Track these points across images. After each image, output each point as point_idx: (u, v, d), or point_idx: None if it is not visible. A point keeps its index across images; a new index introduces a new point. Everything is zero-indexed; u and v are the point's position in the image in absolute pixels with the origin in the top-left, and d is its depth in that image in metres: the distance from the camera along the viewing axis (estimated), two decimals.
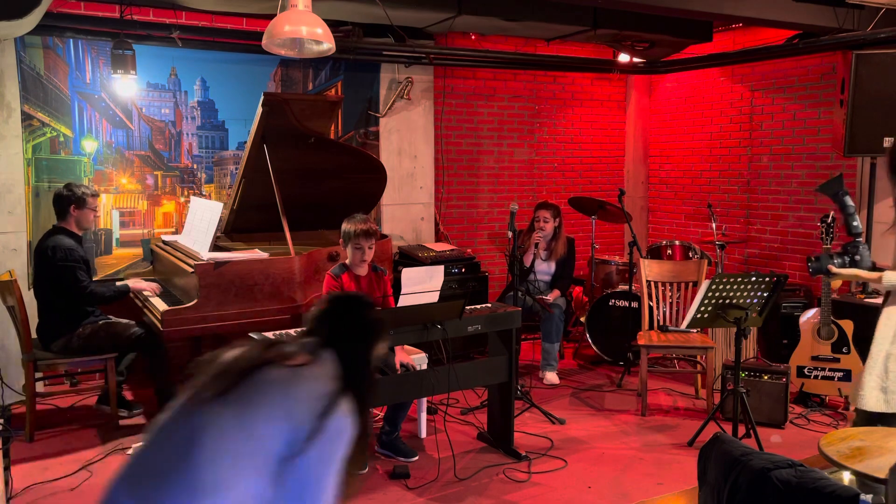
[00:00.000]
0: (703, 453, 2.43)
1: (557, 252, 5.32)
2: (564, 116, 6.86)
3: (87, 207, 4.19)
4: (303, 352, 1.67)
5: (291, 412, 1.53)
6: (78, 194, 4.16)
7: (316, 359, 1.66)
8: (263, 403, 1.53)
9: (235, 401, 1.53)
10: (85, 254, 4.22)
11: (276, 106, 4.11)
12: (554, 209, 5.30)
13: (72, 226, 4.20)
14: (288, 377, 1.59)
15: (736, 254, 6.31)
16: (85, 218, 4.22)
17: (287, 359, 1.63)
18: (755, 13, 4.77)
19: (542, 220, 5.24)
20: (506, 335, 3.87)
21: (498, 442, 3.99)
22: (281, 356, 1.62)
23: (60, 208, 4.18)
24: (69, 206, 4.16)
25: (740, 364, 3.82)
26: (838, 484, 1.97)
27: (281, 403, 1.54)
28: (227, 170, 5.40)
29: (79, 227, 4.23)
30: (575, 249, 5.45)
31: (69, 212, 4.17)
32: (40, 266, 4.12)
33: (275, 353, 1.64)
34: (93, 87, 4.92)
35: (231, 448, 1.47)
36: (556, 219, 5.29)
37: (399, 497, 3.44)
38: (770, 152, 6.06)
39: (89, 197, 4.20)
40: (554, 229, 5.28)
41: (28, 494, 3.42)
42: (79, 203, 4.16)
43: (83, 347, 4.13)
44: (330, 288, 3.77)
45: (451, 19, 4.98)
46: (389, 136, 5.92)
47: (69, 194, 4.16)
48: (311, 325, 1.78)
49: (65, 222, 4.19)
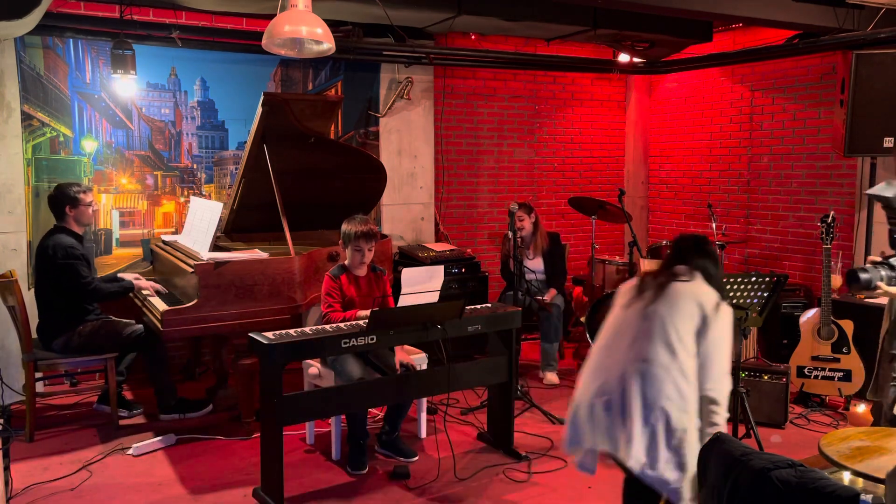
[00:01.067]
0: (703, 453, 2.43)
1: (539, 245, 5.28)
2: (564, 116, 6.86)
3: (81, 205, 4.22)
4: (686, 273, 2.54)
5: (698, 305, 2.44)
6: (70, 194, 4.19)
7: (693, 276, 2.53)
8: (680, 302, 2.45)
9: (664, 302, 2.46)
10: (86, 251, 4.24)
11: (276, 106, 4.11)
12: (526, 207, 5.23)
13: (71, 225, 4.22)
14: (687, 286, 2.50)
15: (736, 254, 6.31)
16: (83, 215, 4.24)
17: (680, 276, 2.53)
18: (755, 13, 4.77)
19: (517, 219, 5.20)
20: (506, 335, 3.87)
21: (498, 442, 3.99)
22: (676, 275, 2.53)
23: (56, 210, 4.22)
24: (64, 206, 4.20)
25: (740, 364, 3.82)
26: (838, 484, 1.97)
27: (689, 301, 2.45)
28: (227, 170, 5.40)
29: (79, 225, 4.26)
30: (561, 243, 5.42)
31: (66, 212, 4.20)
32: (41, 265, 4.14)
33: (671, 274, 2.54)
34: (93, 87, 4.92)
35: (670, 327, 2.41)
36: (532, 214, 5.23)
37: (399, 497, 3.44)
38: (770, 152, 6.06)
39: (81, 194, 4.22)
40: (532, 226, 5.25)
41: (28, 494, 3.42)
42: (73, 203, 4.19)
43: (84, 346, 4.14)
44: (329, 290, 3.78)
45: (451, 19, 4.98)
46: (389, 136, 5.91)
47: (62, 196, 4.19)
48: (679, 256, 2.59)
49: (64, 222, 4.21)
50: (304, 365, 4.06)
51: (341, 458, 3.85)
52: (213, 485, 3.55)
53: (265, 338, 3.20)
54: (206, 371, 5.22)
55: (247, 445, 4.00)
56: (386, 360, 3.79)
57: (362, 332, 3.34)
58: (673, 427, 2.33)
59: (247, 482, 3.56)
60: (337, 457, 3.86)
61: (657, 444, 2.33)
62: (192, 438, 4.09)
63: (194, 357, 5.21)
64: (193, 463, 3.80)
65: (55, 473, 3.64)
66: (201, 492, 3.48)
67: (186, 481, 3.59)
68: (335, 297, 3.77)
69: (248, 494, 3.44)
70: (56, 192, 4.21)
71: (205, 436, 4.13)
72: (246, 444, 4.03)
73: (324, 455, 3.91)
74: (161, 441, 3.99)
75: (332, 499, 3.42)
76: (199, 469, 3.73)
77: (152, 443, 3.97)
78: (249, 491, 3.46)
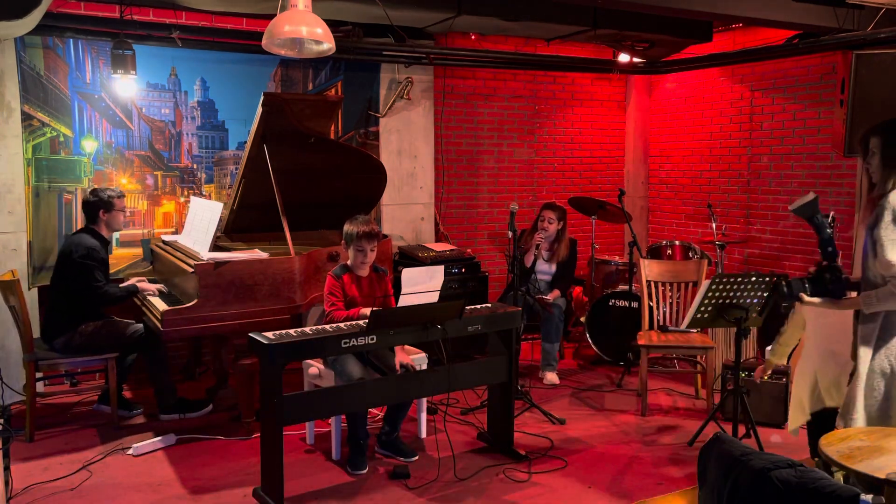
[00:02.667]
0: (703, 453, 2.43)
1: (559, 254, 5.30)
2: (564, 116, 6.86)
3: (115, 209, 4.28)
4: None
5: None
6: (105, 198, 4.25)
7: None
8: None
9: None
10: (106, 256, 4.28)
11: (276, 106, 4.11)
12: (560, 211, 5.27)
13: (102, 229, 4.29)
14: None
15: (736, 254, 6.31)
16: (115, 220, 4.31)
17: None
18: (755, 13, 4.77)
19: (546, 220, 5.22)
20: (506, 335, 3.87)
21: (498, 442, 3.99)
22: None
23: (90, 214, 4.27)
24: (98, 210, 4.25)
25: (740, 364, 3.82)
26: (838, 484, 1.97)
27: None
28: (227, 170, 5.40)
29: (109, 230, 4.34)
30: (577, 251, 5.44)
31: (99, 216, 4.26)
32: (60, 262, 4.22)
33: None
34: (93, 87, 4.92)
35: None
36: (561, 221, 5.26)
37: (399, 497, 3.44)
38: (770, 152, 6.06)
39: (116, 199, 4.28)
40: (557, 231, 5.26)
41: (28, 494, 3.42)
42: (107, 207, 4.26)
43: (85, 345, 4.15)
44: (331, 289, 3.78)
45: (451, 19, 4.98)
46: (389, 136, 5.92)
47: (96, 199, 4.24)
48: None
49: (95, 225, 4.28)
50: (304, 365, 4.06)
51: (341, 458, 3.85)
52: (213, 485, 3.55)
53: (265, 338, 3.20)
54: (206, 371, 5.22)
55: (247, 445, 4.01)
56: (386, 360, 3.79)
57: (362, 332, 3.34)
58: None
59: (247, 482, 3.56)
60: (337, 457, 3.86)
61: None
62: (192, 438, 4.09)
63: (194, 357, 5.21)
64: (193, 463, 3.81)
65: (55, 473, 3.64)
66: (201, 492, 3.48)
67: (186, 481, 3.59)
68: (338, 297, 3.77)
69: (248, 494, 3.44)
70: (91, 195, 4.27)
71: (205, 436, 4.13)
72: (246, 444, 4.03)
73: (324, 455, 3.91)
74: (161, 441, 4.00)
75: (332, 499, 3.42)
76: (199, 469, 3.73)
77: (152, 443, 3.97)
78: (249, 491, 3.46)
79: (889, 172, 2.80)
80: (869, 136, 2.87)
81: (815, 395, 3.17)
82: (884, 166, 2.82)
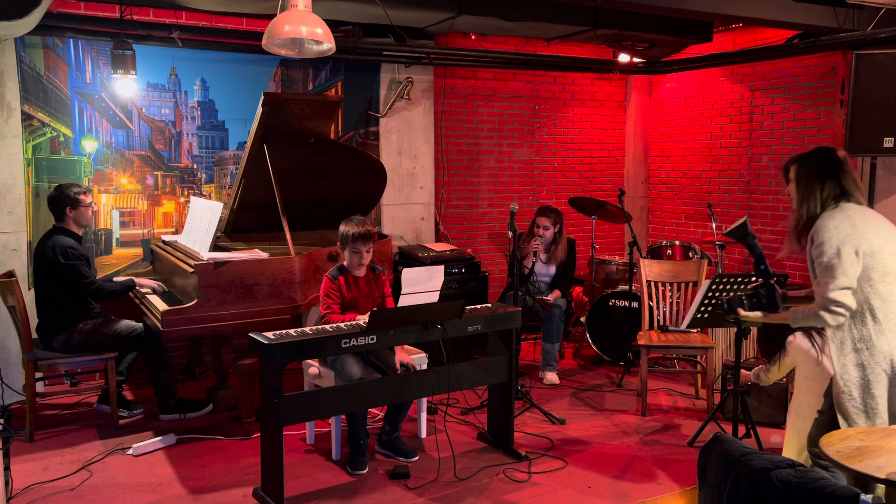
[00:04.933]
0: (703, 453, 2.44)
1: (557, 256, 5.29)
2: (564, 116, 6.86)
3: (81, 206, 4.23)
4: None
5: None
6: (70, 195, 4.20)
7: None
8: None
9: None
10: (85, 251, 4.24)
11: (276, 106, 4.11)
12: (554, 215, 5.24)
13: (70, 225, 4.23)
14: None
15: (736, 254, 6.31)
16: (82, 216, 4.25)
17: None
18: (755, 13, 4.77)
19: (541, 227, 5.21)
20: (506, 335, 3.87)
21: (498, 442, 3.99)
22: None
23: (56, 211, 4.22)
24: (64, 207, 4.20)
25: (740, 364, 3.82)
26: (838, 484, 1.97)
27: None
28: (227, 170, 5.40)
29: (78, 226, 4.27)
30: (576, 251, 5.44)
31: (65, 213, 4.21)
32: (41, 266, 4.14)
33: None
34: (93, 87, 4.92)
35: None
36: (557, 225, 5.24)
37: (399, 497, 3.44)
38: (770, 152, 6.06)
39: (81, 195, 4.23)
40: (554, 235, 5.25)
41: (28, 494, 3.42)
42: (73, 204, 4.20)
43: (84, 344, 4.14)
44: (328, 291, 3.78)
45: (451, 19, 4.98)
46: (389, 136, 5.92)
47: (62, 197, 4.19)
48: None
49: (63, 223, 4.22)
50: (304, 365, 4.06)
51: (341, 458, 3.85)
52: (213, 485, 3.55)
53: (265, 338, 3.20)
54: (206, 371, 5.22)
55: (247, 445, 4.01)
56: (386, 360, 3.79)
57: (362, 332, 3.34)
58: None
59: (247, 482, 3.56)
60: (337, 457, 3.86)
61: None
62: (192, 438, 4.09)
63: (194, 357, 5.21)
64: (193, 463, 3.80)
65: (55, 473, 3.64)
66: (201, 492, 3.48)
67: (186, 481, 3.59)
68: (334, 299, 3.77)
69: (248, 494, 3.44)
70: (56, 192, 4.22)
71: (205, 436, 4.13)
72: (246, 444, 4.03)
73: (324, 455, 3.91)
74: (161, 441, 4.00)
75: (332, 499, 3.42)
76: (199, 469, 3.73)
77: (152, 443, 3.97)
78: (249, 491, 3.46)
79: (805, 195, 2.94)
80: (788, 166, 3.07)
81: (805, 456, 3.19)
82: (798, 190, 2.97)
